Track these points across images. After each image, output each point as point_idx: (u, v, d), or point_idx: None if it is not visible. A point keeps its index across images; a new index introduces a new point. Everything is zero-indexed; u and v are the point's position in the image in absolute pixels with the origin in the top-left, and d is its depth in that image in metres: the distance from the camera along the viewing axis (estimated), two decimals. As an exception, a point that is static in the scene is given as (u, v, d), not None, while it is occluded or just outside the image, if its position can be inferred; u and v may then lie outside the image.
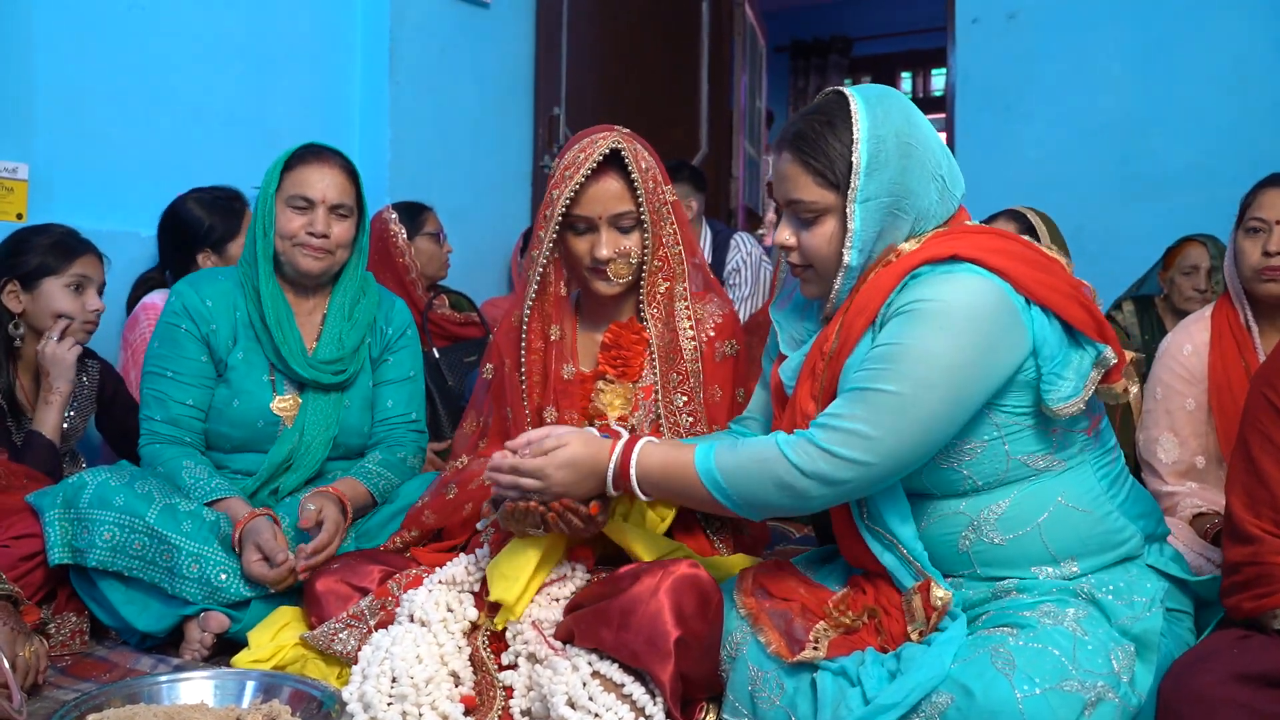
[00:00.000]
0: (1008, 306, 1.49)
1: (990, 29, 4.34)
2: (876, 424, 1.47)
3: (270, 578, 2.04)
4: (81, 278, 2.53)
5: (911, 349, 1.47)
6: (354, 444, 2.41)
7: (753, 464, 1.54)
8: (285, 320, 2.32)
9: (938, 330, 1.47)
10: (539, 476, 1.64)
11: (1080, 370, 1.52)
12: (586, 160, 1.90)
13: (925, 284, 1.51)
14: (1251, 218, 2.20)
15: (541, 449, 1.64)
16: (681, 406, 1.98)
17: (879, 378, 1.48)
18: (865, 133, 1.55)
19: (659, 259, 1.98)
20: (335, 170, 2.32)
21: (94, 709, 1.65)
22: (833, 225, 1.59)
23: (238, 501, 2.17)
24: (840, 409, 1.51)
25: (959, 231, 1.59)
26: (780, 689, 1.53)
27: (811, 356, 1.64)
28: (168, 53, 3.27)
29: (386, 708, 1.68)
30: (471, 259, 4.23)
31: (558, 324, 2.02)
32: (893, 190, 1.56)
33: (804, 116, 1.62)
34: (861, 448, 1.48)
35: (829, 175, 1.57)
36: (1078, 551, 1.56)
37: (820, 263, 1.62)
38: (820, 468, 1.49)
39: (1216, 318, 2.27)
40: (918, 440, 1.49)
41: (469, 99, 4.21)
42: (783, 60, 9.38)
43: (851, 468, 1.49)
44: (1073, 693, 1.35)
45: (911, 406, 1.47)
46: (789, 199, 1.62)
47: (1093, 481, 1.58)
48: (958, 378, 1.47)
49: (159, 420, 2.28)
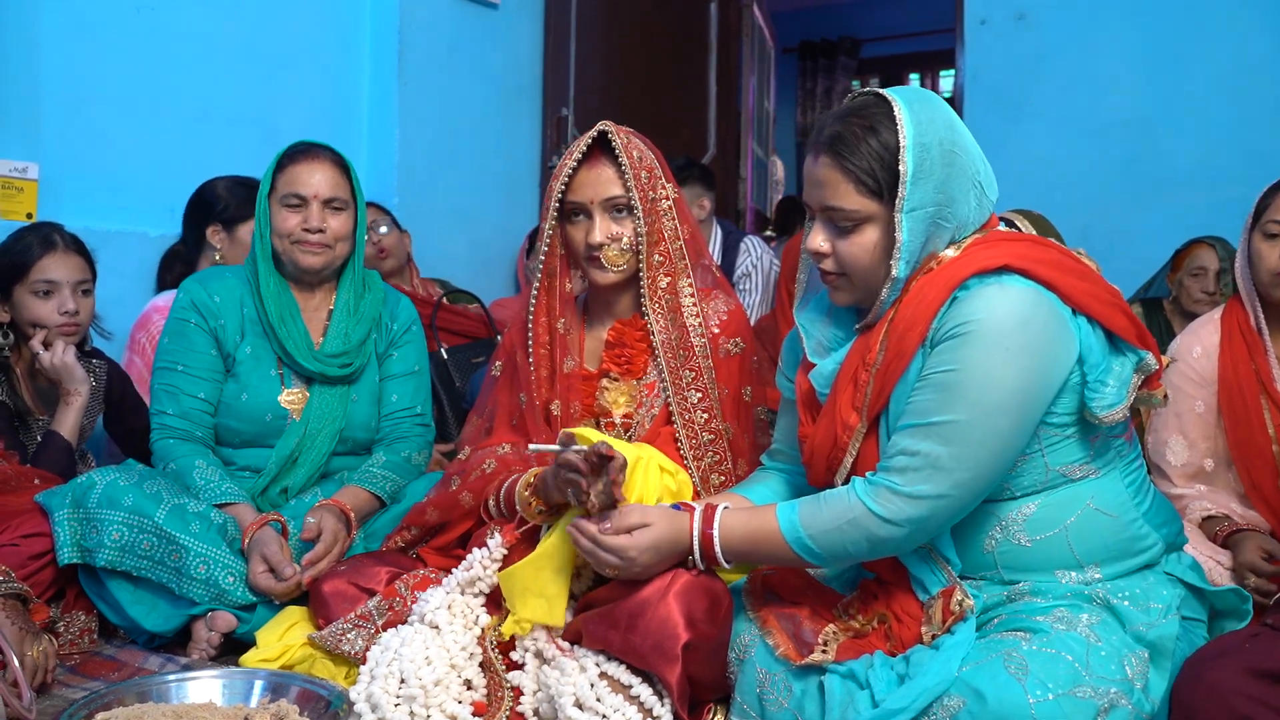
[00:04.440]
0: (1058, 318, 1.48)
1: (998, 30, 4.34)
2: (950, 455, 1.46)
3: (276, 590, 2.05)
4: (47, 283, 2.48)
5: (974, 374, 1.45)
6: (361, 438, 2.41)
7: (843, 524, 1.51)
8: (289, 316, 2.34)
9: (997, 351, 1.44)
10: (620, 555, 1.59)
11: (1122, 377, 1.51)
12: (577, 147, 1.97)
13: (977, 299, 1.47)
14: (1270, 220, 2.18)
15: (624, 524, 1.59)
16: (696, 403, 1.98)
17: (945, 407, 1.46)
18: (911, 140, 1.49)
19: (659, 253, 1.99)
20: (326, 165, 2.34)
21: (103, 707, 1.65)
22: (875, 234, 1.53)
23: (246, 508, 2.18)
24: (910, 445, 1.48)
25: (999, 239, 1.56)
26: (788, 691, 1.53)
27: (852, 365, 1.59)
28: (176, 54, 3.28)
29: (394, 708, 1.68)
30: (479, 259, 4.24)
31: (563, 318, 2.03)
32: (937, 199, 1.51)
33: (842, 119, 1.54)
34: (941, 481, 1.46)
35: (871, 183, 1.51)
36: (1102, 557, 1.55)
37: (858, 272, 1.56)
38: (907, 512, 1.48)
39: (1227, 320, 2.26)
40: (992, 465, 1.48)
41: (477, 99, 4.21)
42: (791, 61, 9.37)
43: (933, 503, 1.47)
44: (1086, 699, 1.34)
45: (982, 433, 1.45)
46: (825, 205, 1.55)
47: (1121, 488, 1.58)
48: (1022, 398, 1.46)
49: (171, 414, 2.29)
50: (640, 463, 1.77)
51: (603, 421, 2.03)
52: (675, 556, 1.62)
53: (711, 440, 1.98)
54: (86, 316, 2.56)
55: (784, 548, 1.56)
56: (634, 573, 1.62)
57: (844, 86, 9.39)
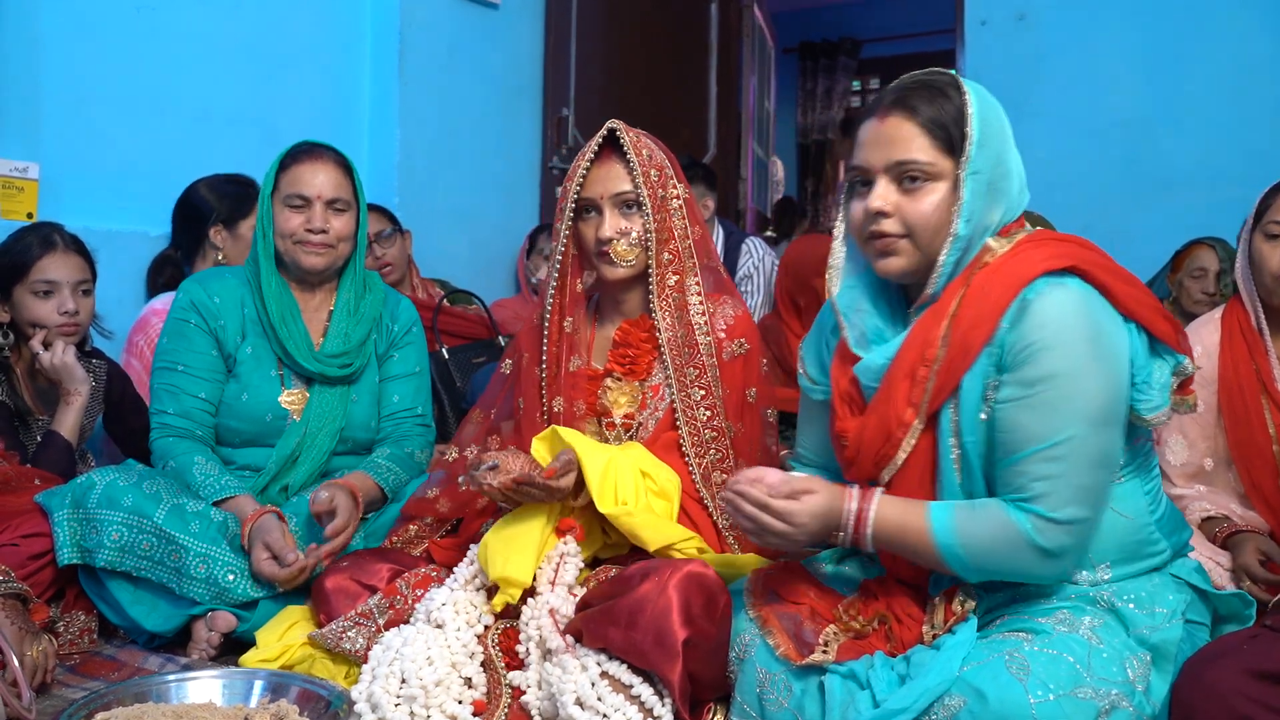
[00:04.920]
0: (1114, 320, 1.50)
1: (999, 30, 4.34)
2: (1084, 472, 1.46)
3: (280, 576, 2.05)
4: (47, 283, 2.48)
5: (1073, 388, 1.45)
6: (361, 438, 2.42)
7: (1000, 544, 1.48)
8: (290, 316, 2.34)
9: (1087, 361, 1.45)
10: (787, 519, 1.53)
11: (1161, 381, 1.52)
12: (590, 147, 1.99)
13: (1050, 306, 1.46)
14: (1271, 221, 2.18)
15: (793, 489, 1.55)
16: (699, 400, 1.98)
17: (1058, 427, 1.45)
18: (976, 108, 1.53)
19: (669, 251, 2.00)
20: (329, 166, 2.34)
21: (102, 707, 1.65)
22: (943, 191, 1.53)
23: (246, 499, 2.17)
24: (1040, 471, 1.46)
25: (1047, 237, 1.56)
26: (788, 691, 1.53)
27: (907, 360, 1.55)
28: (176, 53, 3.28)
29: (394, 708, 1.68)
30: (479, 259, 4.23)
31: (571, 317, 2.05)
32: (995, 168, 1.54)
33: (908, 85, 1.57)
34: (1082, 501, 1.46)
35: (943, 136, 1.53)
36: (1113, 557, 1.55)
37: (923, 231, 1.54)
38: (1063, 542, 1.47)
39: (1227, 319, 2.26)
40: (1110, 471, 1.50)
41: (478, 100, 4.21)
42: (791, 62, 9.37)
43: (1081, 525, 1.47)
44: (1087, 700, 1.35)
45: (1099, 445, 1.46)
46: (895, 160, 1.54)
47: (1140, 494, 1.58)
48: (1117, 405, 1.48)
49: (171, 414, 2.29)
50: (612, 465, 1.79)
51: (603, 421, 2.04)
52: (828, 530, 1.58)
53: (714, 438, 1.98)
54: (86, 316, 2.56)
55: (931, 547, 1.51)
56: (796, 540, 1.56)
57: (844, 87, 9.40)
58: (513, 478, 1.75)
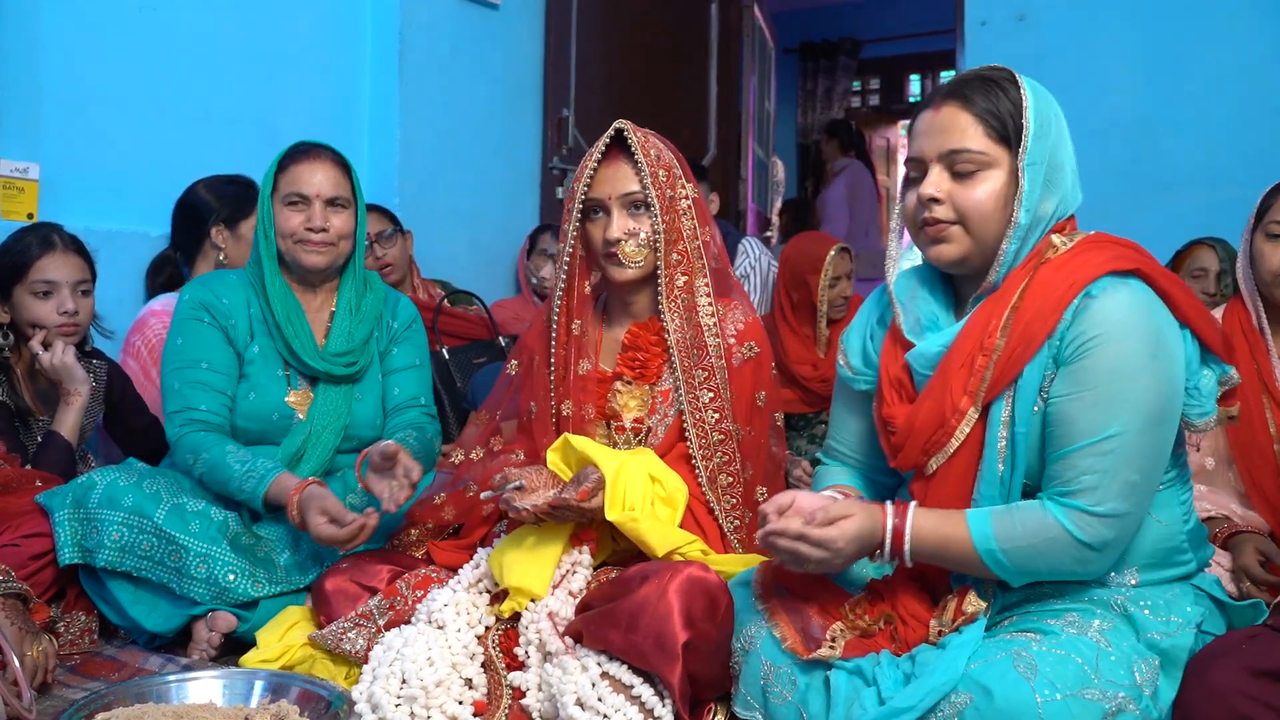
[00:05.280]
0: (1172, 325, 1.51)
1: (999, 31, 4.33)
2: (1132, 468, 1.46)
3: (341, 536, 1.99)
4: (46, 283, 2.48)
5: (1130, 384, 1.45)
6: (366, 436, 2.40)
7: (1039, 543, 1.49)
8: (295, 317, 2.34)
9: (1145, 359, 1.46)
10: (826, 547, 1.53)
11: (1209, 389, 1.54)
12: (597, 147, 1.98)
13: (1111, 304, 1.47)
14: (1272, 221, 2.18)
15: (829, 516, 1.54)
16: (707, 403, 1.98)
17: (1111, 420, 1.46)
18: (1033, 101, 1.55)
19: (677, 252, 1.99)
20: (327, 164, 2.34)
21: (103, 708, 1.65)
22: (999, 180, 1.55)
23: (287, 476, 2.13)
24: (1091, 464, 1.47)
25: (1107, 239, 1.57)
26: (793, 685, 1.53)
27: (965, 349, 1.56)
28: (177, 54, 3.28)
29: (395, 708, 1.68)
30: (479, 260, 4.23)
31: (579, 319, 2.04)
32: (1051, 160, 1.55)
33: (965, 79, 1.60)
34: (1127, 496, 1.47)
35: (998, 126, 1.55)
36: (1144, 562, 1.56)
37: (977, 220, 1.55)
38: (1104, 535, 1.47)
39: (1228, 319, 2.26)
40: (1157, 471, 1.50)
41: (478, 100, 4.21)
42: (791, 62, 9.37)
43: (1122, 521, 1.48)
44: (1093, 701, 1.35)
45: (1148, 443, 1.47)
46: (950, 149, 1.56)
47: (1176, 503, 1.59)
48: (1172, 404, 1.49)
49: (203, 409, 2.24)
50: (623, 471, 1.79)
51: (613, 425, 2.03)
52: (866, 551, 1.58)
53: (721, 440, 1.98)
54: (86, 317, 2.55)
55: (972, 555, 1.52)
56: (835, 565, 1.56)
57: (844, 87, 9.39)
58: (548, 502, 1.75)
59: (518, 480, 1.81)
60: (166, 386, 2.30)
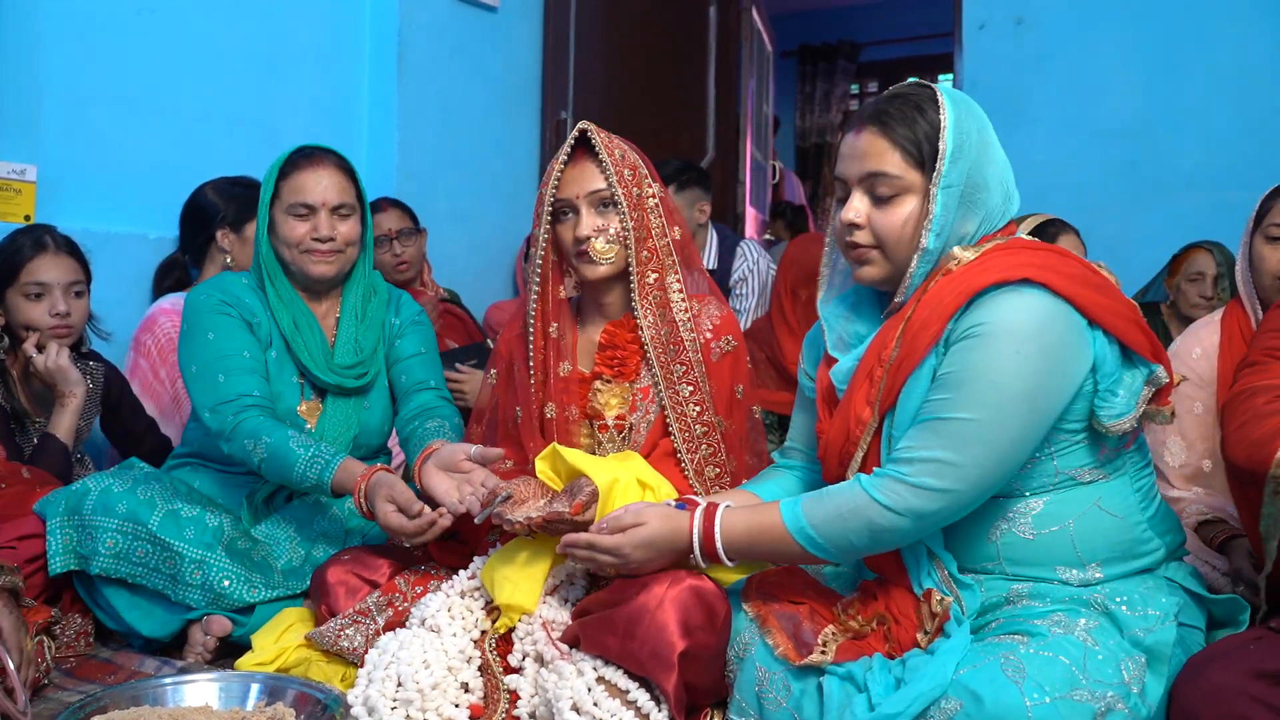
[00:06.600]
0: (1074, 328, 1.50)
1: (997, 34, 4.33)
2: (959, 451, 1.48)
3: (409, 529, 1.90)
4: (38, 285, 2.47)
5: (986, 374, 1.47)
6: (375, 444, 2.40)
7: (845, 512, 1.54)
8: (305, 326, 2.29)
9: (1010, 354, 1.47)
10: (616, 554, 1.64)
11: (1133, 389, 1.53)
12: (563, 151, 2.00)
13: (994, 304, 1.50)
14: (1272, 223, 2.18)
15: (619, 525, 1.64)
16: (688, 396, 1.98)
17: (956, 405, 1.49)
18: (952, 121, 1.56)
19: (647, 249, 2.00)
20: (332, 171, 2.28)
21: (98, 710, 1.65)
22: (913, 205, 1.58)
23: (352, 461, 2.05)
24: (919, 440, 1.51)
25: (1020, 246, 1.58)
26: (787, 691, 1.53)
27: (868, 361, 1.63)
28: (176, 55, 3.27)
29: (390, 711, 1.68)
30: (478, 262, 4.23)
31: (556, 322, 2.04)
32: (970, 181, 1.57)
33: (887, 99, 1.62)
34: (948, 476, 1.48)
35: (914, 152, 1.57)
36: (1104, 556, 1.56)
37: (892, 244, 1.60)
38: (911, 503, 1.50)
39: (1227, 321, 2.26)
40: (1000, 464, 1.50)
41: (477, 102, 4.21)
42: (790, 65, 9.37)
43: (940, 497, 1.49)
44: (1082, 702, 1.35)
45: (991, 432, 1.48)
46: (868, 172, 1.60)
47: (1129, 492, 1.59)
48: (1033, 402, 1.48)
49: (256, 395, 2.15)
50: (616, 485, 1.79)
51: (596, 424, 2.03)
52: (674, 554, 1.65)
53: (705, 433, 1.98)
54: (79, 318, 2.55)
55: (787, 540, 1.57)
56: (632, 569, 1.66)
57: (843, 90, 9.39)
58: (543, 516, 1.75)
59: (505, 492, 1.82)
60: (205, 380, 2.17)
